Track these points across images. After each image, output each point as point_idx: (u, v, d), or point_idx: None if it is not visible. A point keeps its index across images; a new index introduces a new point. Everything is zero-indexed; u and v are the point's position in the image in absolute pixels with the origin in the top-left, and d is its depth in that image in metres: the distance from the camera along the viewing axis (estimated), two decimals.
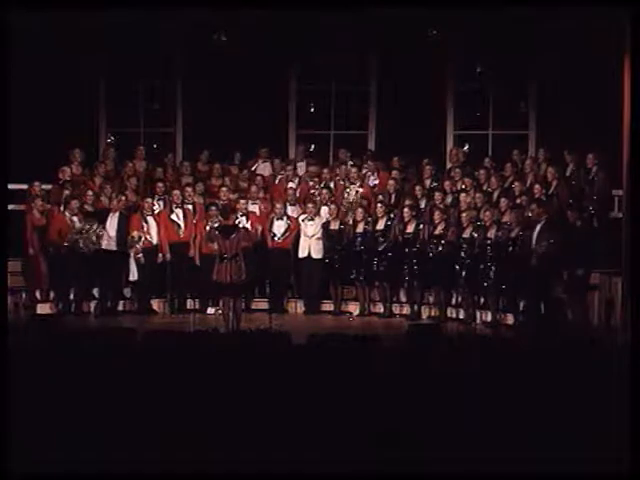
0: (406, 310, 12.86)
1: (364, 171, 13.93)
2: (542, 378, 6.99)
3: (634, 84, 9.88)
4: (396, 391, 6.85)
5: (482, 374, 7.09)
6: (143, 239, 12.60)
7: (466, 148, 14.82)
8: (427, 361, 7.40)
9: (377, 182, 13.71)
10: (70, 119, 14.03)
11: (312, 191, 13.71)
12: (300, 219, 13.17)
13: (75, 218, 12.47)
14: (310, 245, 13.05)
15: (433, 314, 12.58)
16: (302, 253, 13.10)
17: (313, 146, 15.24)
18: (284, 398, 6.73)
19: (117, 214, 12.64)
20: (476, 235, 12.08)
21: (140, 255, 12.56)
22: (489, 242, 11.95)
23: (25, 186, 12.86)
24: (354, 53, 14.81)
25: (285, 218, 13.08)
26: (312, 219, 13.12)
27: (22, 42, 11.62)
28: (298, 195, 13.61)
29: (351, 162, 14.05)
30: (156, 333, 8.88)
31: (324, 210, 13.26)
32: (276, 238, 12.98)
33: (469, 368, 7.18)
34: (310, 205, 13.19)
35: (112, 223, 12.64)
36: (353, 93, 15.36)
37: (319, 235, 13.07)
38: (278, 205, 13.12)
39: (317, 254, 13.06)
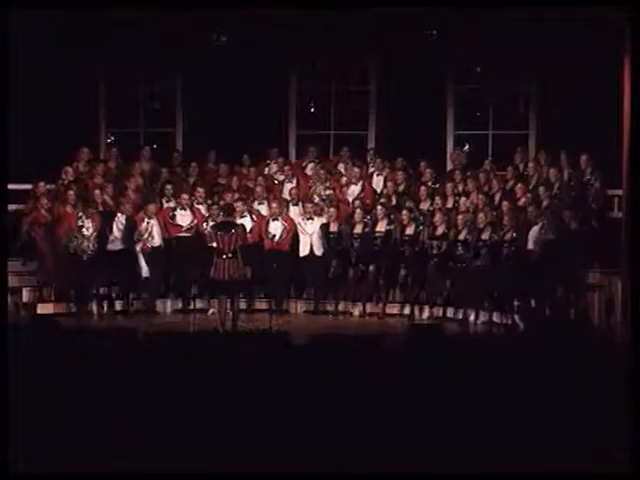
0: (405, 310, 12.87)
1: (369, 171, 13.98)
2: (541, 378, 6.99)
3: (634, 84, 9.88)
4: (396, 391, 6.85)
5: (481, 374, 7.08)
6: (148, 236, 12.63)
7: (466, 148, 14.83)
8: (427, 361, 7.40)
9: (382, 182, 13.76)
10: (70, 119, 14.05)
11: (312, 190, 13.73)
12: (298, 219, 13.17)
13: (90, 222, 12.47)
14: (311, 242, 13.06)
15: (432, 314, 12.61)
16: (303, 251, 13.11)
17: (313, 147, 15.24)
18: (284, 398, 6.73)
19: (124, 217, 12.69)
20: (470, 238, 12.14)
21: (147, 246, 12.62)
22: (483, 244, 12.00)
23: (24, 186, 12.87)
24: (354, 53, 14.81)
25: (280, 219, 13.07)
26: (311, 218, 13.13)
27: (22, 42, 11.62)
28: (298, 195, 13.61)
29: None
30: (156, 333, 8.88)
31: (325, 211, 13.28)
32: (275, 239, 12.96)
33: (468, 368, 7.17)
34: (309, 205, 13.20)
35: (118, 224, 12.70)
36: (353, 93, 15.36)
37: (319, 232, 13.07)
38: (274, 205, 13.13)
39: (319, 251, 13.06)
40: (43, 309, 12.42)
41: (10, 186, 10.71)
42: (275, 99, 14.90)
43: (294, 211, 13.44)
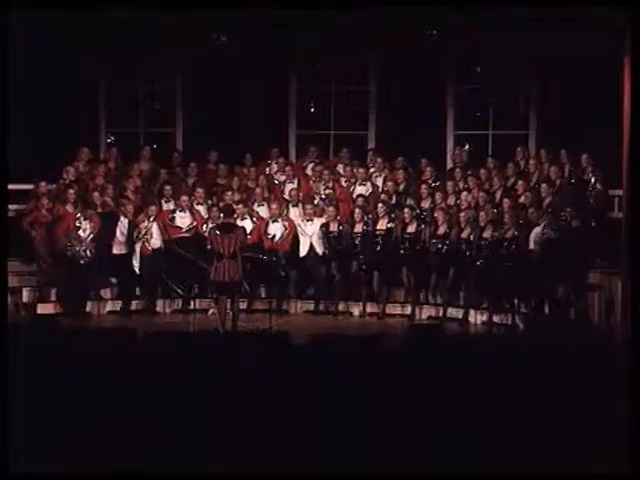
0: (407, 310, 12.85)
1: (370, 171, 13.98)
2: (541, 378, 6.99)
3: (634, 84, 9.88)
4: (396, 391, 6.85)
5: (481, 374, 7.08)
6: (148, 235, 12.62)
7: (467, 147, 14.83)
8: (427, 361, 7.40)
9: (382, 182, 13.77)
10: (70, 119, 14.04)
11: (314, 191, 13.73)
12: (298, 220, 13.17)
13: (87, 224, 12.48)
14: (311, 242, 13.05)
15: (432, 314, 12.61)
16: (303, 251, 13.10)
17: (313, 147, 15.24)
18: (284, 398, 6.73)
19: (127, 219, 12.69)
20: (472, 236, 12.14)
21: (147, 248, 12.62)
22: (484, 242, 12.01)
23: (24, 186, 12.87)
24: (354, 53, 14.81)
25: (280, 220, 13.06)
26: (311, 219, 13.12)
27: (22, 42, 11.63)
28: (300, 196, 13.61)
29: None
30: (156, 333, 8.89)
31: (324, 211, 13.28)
32: (275, 240, 12.96)
33: (468, 368, 7.17)
34: (309, 206, 13.19)
35: (122, 227, 12.70)
36: (353, 93, 15.36)
37: (319, 233, 13.06)
38: (274, 206, 13.13)
39: (319, 251, 13.05)
40: (43, 309, 12.42)
41: (10, 186, 10.71)
42: (275, 99, 14.89)
43: (294, 212, 13.42)
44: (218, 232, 11.09)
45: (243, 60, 14.26)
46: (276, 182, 13.97)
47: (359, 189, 13.66)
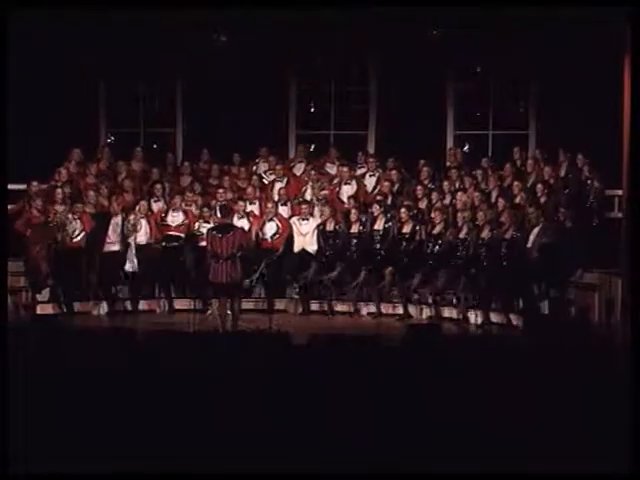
0: (404, 310, 12.85)
1: (361, 171, 13.95)
2: (541, 378, 6.99)
3: (634, 84, 9.89)
4: (395, 391, 6.85)
5: (479, 374, 7.08)
6: (135, 224, 12.61)
7: (466, 148, 14.83)
8: (426, 361, 7.40)
9: (375, 182, 13.76)
10: (70, 119, 14.05)
11: (305, 189, 13.71)
12: (293, 220, 13.16)
13: (78, 222, 12.51)
14: (305, 241, 13.04)
15: (430, 314, 12.60)
16: (297, 249, 13.10)
17: (313, 146, 15.25)
18: (284, 398, 6.73)
19: (120, 217, 12.69)
20: (469, 238, 12.12)
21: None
22: (483, 242, 12.00)
23: (24, 186, 12.87)
24: (354, 53, 14.82)
25: (275, 219, 13.06)
26: (306, 219, 13.11)
27: (22, 42, 11.62)
28: (288, 195, 13.60)
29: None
30: (156, 333, 8.88)
31: (317, 211, 13.27)
32: (267, 238, 12.96)
33: (466, 368, 7.17)
34: (304, 206, 13.18)
35: (115, 225, 12.70)
36: (353, 93, 15.36)
37: (314, 233, 13.05)
38: (269, 205, 13.13)
39: (314, 251, 13.03)
40: (43, 309, 12.42)
41: (10, 186, 10.71)
42: (275, 99, 14.90)
43: (283, 210, 13.42)
44: (216, 233, 11.06)
45: (243, 60, 14.26)
46: (265, 181, 13.96)
47: (345, 188, 13.66)
